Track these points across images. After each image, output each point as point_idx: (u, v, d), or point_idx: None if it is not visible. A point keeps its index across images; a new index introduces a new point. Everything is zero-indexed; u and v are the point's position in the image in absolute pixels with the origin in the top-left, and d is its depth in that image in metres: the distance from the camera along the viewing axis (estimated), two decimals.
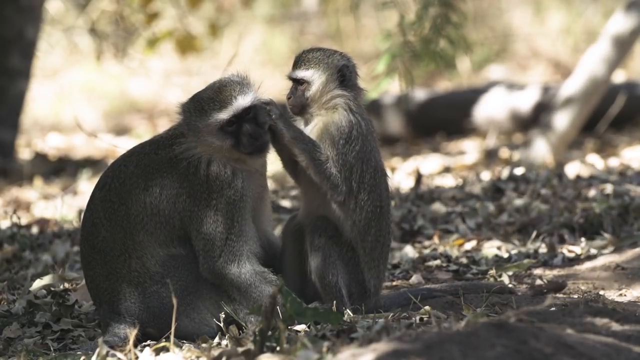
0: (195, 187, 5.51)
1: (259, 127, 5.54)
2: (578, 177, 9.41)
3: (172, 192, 5.53)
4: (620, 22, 11.44)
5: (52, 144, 16.44)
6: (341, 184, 5.59)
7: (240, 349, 4.67)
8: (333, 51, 5.79)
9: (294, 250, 5.77)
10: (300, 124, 5.75)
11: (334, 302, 5.59)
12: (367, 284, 5.70)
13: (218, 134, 5.51)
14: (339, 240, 5.65)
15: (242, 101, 5.52)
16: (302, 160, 5.58)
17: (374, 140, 5.74)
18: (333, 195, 5.60)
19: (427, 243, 7.57)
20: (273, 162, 5.79)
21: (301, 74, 5.71)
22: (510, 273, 6.56)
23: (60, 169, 14.14)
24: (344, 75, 5.71)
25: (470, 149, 13.98)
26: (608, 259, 6.72)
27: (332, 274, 5.62)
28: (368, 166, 5.66)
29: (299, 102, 5.69)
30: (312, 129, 5.69)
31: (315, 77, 5.70)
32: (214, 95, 5.53)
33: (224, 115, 5.50)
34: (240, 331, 5.45)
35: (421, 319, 5.40)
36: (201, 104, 5.53)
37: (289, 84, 5.78)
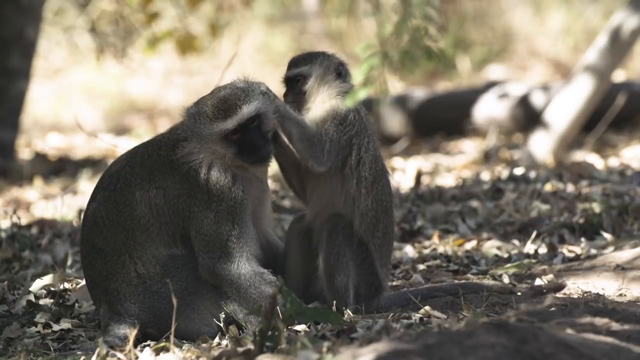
0: (196, 189, 5.51)
1: (263, 136, 5.52)
2: (578, 177, 9.41)
3: (174, 192, 5.53)
4: (621, 21, 11.44)
5: (52, 144, 16.44)
6: (323, 154, 5.55)
7: (240, 349, 4.67)
8: (325, 52, 5.84)
9: (299, 252, 5.77)
10: None
11: (334, 302, 5.59)
12: (382, 282, 5.71)
13: (222, 142, 5.50)
14: (352, 240, 5.64)
15: (247, 110, 5.50)
16: (286, 128, 5.55)
17: (374, 135, 5.74)
18: (313, 165, 5.56)
19: (427, 243, 7.57)
20: (274, 164, 5.78)
21: (297, 70, 5.74)
22: (510, 273, 6.56)
23: (60, 169, 14.14)
24: (340, 72, 5.74)
25: (470, 149, 13.99)
26: (608, 259, 6.72)
27: (343, 274, 5.61)
28: (367, 154, 5.66)
29: (297, 98, 5.70)
30: (307, 114, 5.70)
31: (311, 70, 5.73)
32: (219, 103, 5.51)
33: (228, 124, 5.48)
34: (240, 331, 5.45)
35: (421, 319, 5.40)
36: (206, 111, 5.50)
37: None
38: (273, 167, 5.76)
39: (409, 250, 7.31)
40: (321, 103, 5.70)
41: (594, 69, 11.45)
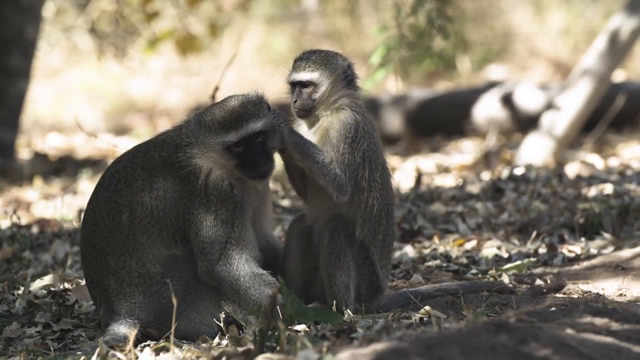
0: (195, 193, 5.51)
1: (265, 152, 5.51)
2: (578, 177, 9.42)
3: (174, 195, 5.53)
4: (620, 22, 11.45)
5: (52, 144, 16.44)
6: (346, 185, 5.55)
7: (240, 349, 4.67)
8: (334, 52, 5.77)
9: (299, 252, 5.77)
10: (303, 126, 5.72)
11: (335, 302, 5.59)
12: (381, 283, 5.71)
13: (224, 153, 5.49)
14: (355, 240, 5.64)
15: (253, 125, 5.48)
16: (305, 165, 5.55)
17: (378, 139, 5.74)
18: (338, 196, 5.56)
19: (427, 243, 7.57)
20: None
21: (308, 76, 5.65)
22: (510, 273, 6.56)
23: (60, 169, 14.14)
24: (348, 75, 5.69)
25: (470, 149, 13.99)
26: (608, 259, 6.72)
27: (344, 274, 5.60)
28: (377, 164, 5.66)
29: (307, 105, 5.65)
30: (316, 130, 5.67)
31: (322, 78, 5.65)
32: (226, 115, 5.49)
33: (232, 137, 5.47)
34: (240, 331, 5.45)
35: (421, 319, 5.40)
36: (212, 120, 5.49)
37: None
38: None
39: (409, 250, 7.31)
40: (330, 116, 5.65)
41: (594, 70, 11.45)
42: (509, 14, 21.94)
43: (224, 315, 5.50)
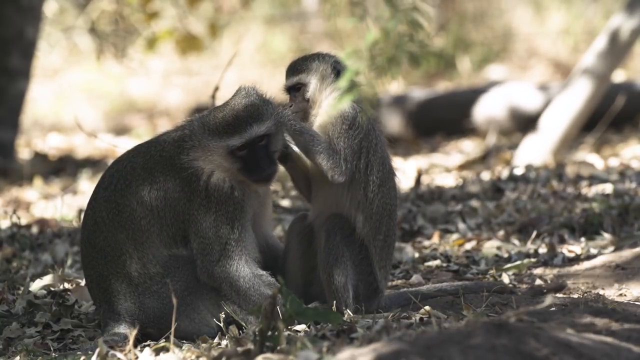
0: (196, 194, 5.50)
1: (269, 155, 5.50)
2: (578, 177, 9.41)
3: (174, 195, 5.52)
4: (620, 22, 11.44)
5: (52, 144, 16.44)
6: (342, 164, 5.55)
7: (240, 349, 4.67)
8: (319, 52, 5.83)
9: (299, 252, 5.77)
10: None
11: (334, 302, 5.59)
12: (379, 284, 5.70)
13: (227, 156, 5.48)
14: (352, 240, 5.64)
15: (257, 129, 5.47)
16: (301, 145, 5.55)
17: (381, 136, 5.73)
18: (334, 176, 5.55)
19: (427, 243, 7.57)
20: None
21: (295, 79, 5.72)
22: (510, 273, 6.56)
23: (60, 169, 14.14)
24: (338, 70, 5.72)
25: (470, 149, 13.99)
26: (608, 258, 6.72)
27: (342, 274, 5.60)
28: (375, 157, 5.65)
29: (301, 107, 5.68)
30: (315, 121, 5.68)
31: (309, 77, 5.71)
32: (230, 118, 5.48)
33: (235, 141, 5.46)
34: (240, 331, 5.45)
35: (421, 319, 5.40)
36: (215, 124, 5.48)
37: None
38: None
39: (409, 250, 7.31)
40: (326, 107, 5.68)
41: (593, 70, 11.45)
42: (509, 14, 21.94)
43: (224, 315, 5.50)
